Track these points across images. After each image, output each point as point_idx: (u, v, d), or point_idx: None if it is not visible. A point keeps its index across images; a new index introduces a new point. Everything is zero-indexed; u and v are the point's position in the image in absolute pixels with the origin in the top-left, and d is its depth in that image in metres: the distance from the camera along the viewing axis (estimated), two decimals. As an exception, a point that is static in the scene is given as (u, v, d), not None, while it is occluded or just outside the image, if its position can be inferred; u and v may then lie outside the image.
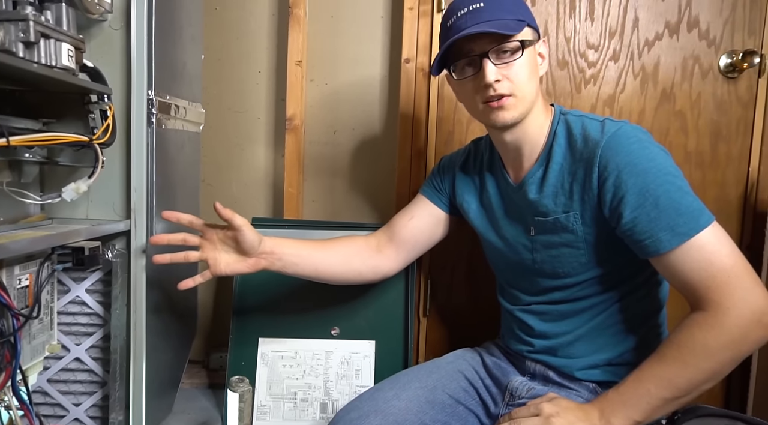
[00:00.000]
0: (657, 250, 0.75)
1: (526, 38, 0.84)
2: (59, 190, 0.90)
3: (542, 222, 0.89)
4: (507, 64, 0.83)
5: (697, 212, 0.73)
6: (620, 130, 0.80)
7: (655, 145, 0.79)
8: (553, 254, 0.89)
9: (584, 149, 0.82)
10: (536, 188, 0.89)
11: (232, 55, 1.49)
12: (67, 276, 1.00)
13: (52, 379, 1.03)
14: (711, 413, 0.85)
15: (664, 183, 0.74)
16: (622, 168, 0.77)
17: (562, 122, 0.89)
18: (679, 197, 0.74)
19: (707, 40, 1.31)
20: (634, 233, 0.77)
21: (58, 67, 0.76)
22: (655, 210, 0.74)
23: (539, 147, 0.90)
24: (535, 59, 0.87)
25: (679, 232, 0.73)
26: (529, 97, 0.85)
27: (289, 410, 1.27)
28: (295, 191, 1.44)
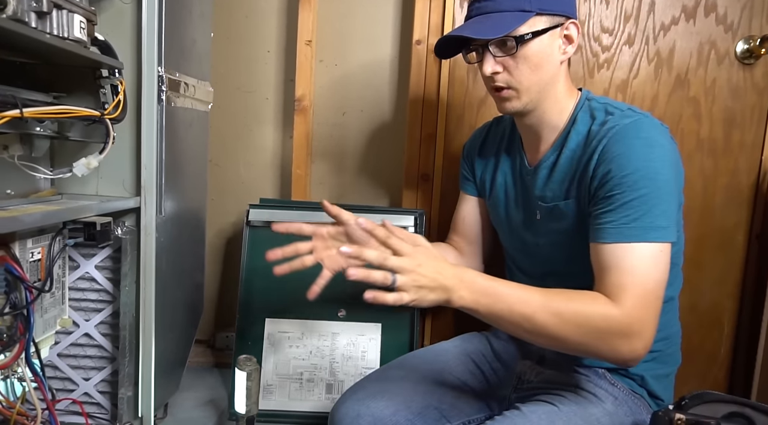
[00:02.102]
0: (596, 238, 0.78)
1: (534, 29, 0.82)
2: (69, 165, 0.89)
3: (544, 208, 0.90)
4: (509, 56, 0.83)
5: (653, 226, 0.74)
6: (635, 122, 0.79)
7: (663, 147, 0.78)
8: (555, 242, 0.90)
9: (597, 134, 0.82)
10: (547, 173, 0.90)
11: (241, 33, 1.47)
12: (76, 252, 1.00)
13: (62, 354, 1.04)
14: (718, 399, 0.85)
15: (643, 187, 0.75)
16: (616, 158, 0.78)
17: (586, 108, 0.87)
18: (648, 205, 0.75)
19: (724, 25, 1.29)
20: (593, 215, 0.79)
21: (70, 38, 0.76)
22: (618, 204, 0.76)
23: (558, 131, 0.89)
24: (547, 48, 0.84)
25: (623, 233, 0.75)
26: (534, 88, 0.85)
27: (294, 390, 1.28)
28: (303, 172, 1.43)
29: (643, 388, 0.88)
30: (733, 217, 1.34)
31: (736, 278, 1.35)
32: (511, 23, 0.81)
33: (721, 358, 1.37)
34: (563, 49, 0.86)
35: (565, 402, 0.84)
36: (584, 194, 0.83)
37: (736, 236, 1.34)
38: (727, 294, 1.36)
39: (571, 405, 0.83)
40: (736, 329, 1.37)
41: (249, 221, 1.31)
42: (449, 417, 0.92)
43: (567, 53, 0.87)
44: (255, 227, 1.32)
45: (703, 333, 1.37)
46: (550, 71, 0.85)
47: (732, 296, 1.36)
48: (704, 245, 1.34)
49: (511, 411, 0.83)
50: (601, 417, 0.82)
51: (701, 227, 1.33)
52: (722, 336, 1.37)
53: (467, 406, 0.94)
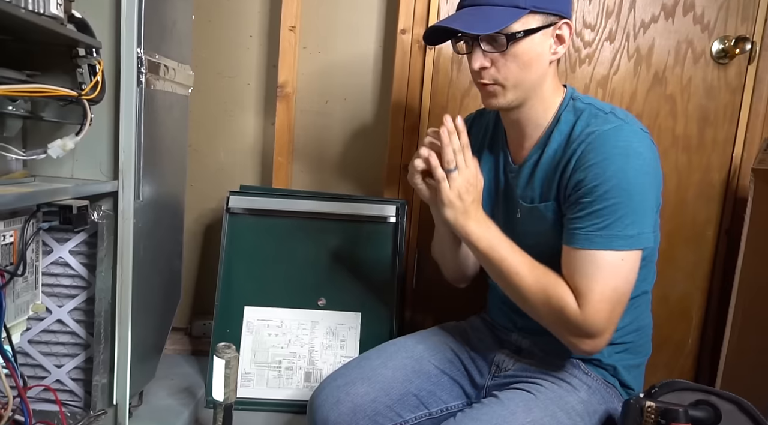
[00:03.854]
0: (567, 241, 0.82)
1: (527, 27, 0.81)
2: (43, 146, 0.86)
3: (524, 209, 0.91)
4: (498, 52, 0.82)
5: (620, 235, 0.77)
6: (614, 129, 0.80)
7: (640, 156, 0.79)
8: (536, 241, 0.90)
9: (577, 138, 0.83)
10: (529, 173, 0.90)
11: (223, 16, 1.44)
12: (50, 236, 0.98)
13: (33, 340, 1.01)
14: (686, 387, 0.88)
15: (615, 197, 0.77)
16: (591, 167, 0.79)
17: (570, 108, 0.87)
18: (618, 215, 0.77)
19: (701, 25, 1.32)
20: (567, 218, 0.82)
21: (46, 14, 0.73)
22: (588, 211, 0.79)
23: (542, 129, 0.89)
24: (538, 47, 0.83)
25: (591, 240, 0.78)
26: (522, 86, 0.84)
27: (273, 378, 1.27)
28: (284, 160, 1.42)
29: (615, 378, 0.91)
30: (704, 212, 1.38)
31: (705, 271, 1.40)
32: (503, 20, 0.80)
33: (689, 348, 1.42)
34: (554, 49, 0.85)
35: (541, 390, 0.86)
36: (562, 198, 0.85)
37: (706, 231, 1.39)
38: (696, 287, 1.40)
39: (547, 392, 0.85)
40: (704, 320, 1.42)
41: (229, 208, 1.30)
42: (428, 404, 0.93)
43: (557, 53, 0.86)
44: (235, 214, 1.31)
45: (673, 324, 1.41)
46: (539, 70, 0.84)
47: (701, 289, 1.40)
48: (676, 239, 1.38)
49: (488, 399, 0.85)
50: (575, 405, 0.85)
51: (674, 221, 1.37)
52: (690, 327, 1.42)
53: (445, 393, 0.96)
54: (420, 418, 0.93)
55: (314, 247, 1.31)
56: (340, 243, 1.32)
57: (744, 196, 1.31)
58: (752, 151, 1.33)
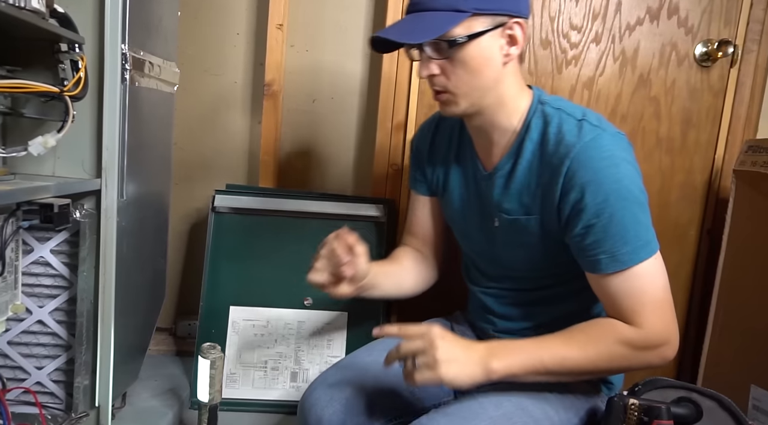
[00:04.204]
0: (593, 270, 0.78)
1: (471, 31, 0.76)
2: (23, 143, 0.85)
3: (504, 219, 0.88)
4: (445, 59, 0.78)
5: (642, 244, 0.75)
6: (594, 140, 0.76)
7: (626, 161, 0.77)
8: (512, 250, 0.89)
9: (555, 152, 0.79)
10: (503, 183, 0.87)
11: (209, 13, 1.43)
12: (30, 235, 0.96)
13: (13, 341, 0.99)
14: (669, 385, 0.90)
15: (621, 209, 0.74)
16: (586, 185, 0.75)
17: (539, 113, 0.83)
18: (630, 224, 0.75)
19: (685, 28, 1.34)
20: (579, 247, 0.79)
21: (27, 8, 0.71)
22: (602, 232, 0.75)
23: (511, 135, 0.85)
24: (486, 51, 0.78)
25: (619, 259, 0.75)
26: (473, 94, 0.80)
27: (259, 378, 1.26)
28: (271, 158, 1.41)
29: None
30: (686, 213, 1.40)
31: (687, 271, 1.42)
32: (442, 25, 0.75)
33: (672, 347, 1.44)
34: (506, 51, 0.79)
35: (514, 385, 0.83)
36: (551, 216, 0.81)
37: (689, 231, 1.41)
38: (679, 287, 1.42)
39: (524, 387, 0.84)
40: (686, 319, 1.44)
41: (215, 206, 1.29)
42: (422, 399, 0.93)
43: (511, 56, 0.80)
44: (221, 213, 1.30)
45: (656, 323, 1.43)
46: (490, 75, 0.80)
47: (683, 289, 1.43)
48: (659, 239, 1.38)
49: (463, 395, 0.85)
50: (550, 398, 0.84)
51: (657, 222, 1.36)
52: (673, 326, 1.43)
53: (438, 389, 0.95)
54: (414, 412, 0.92)
55: (301, 246, 1.30)
56: (327, 243, 1.31)
57: (725, 197, 1.33)
58: (734, 153, 1.35)
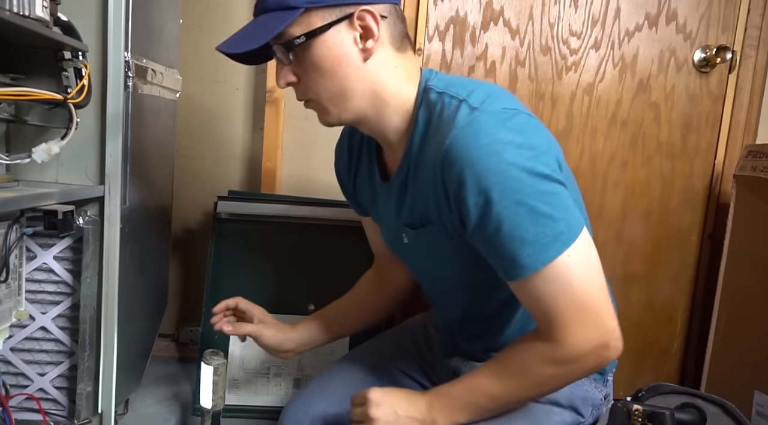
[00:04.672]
0: (505, 277, 0.68)
1: (309, 29, 0.66)
2: (26, 151, 0.85)
3: (410, 233, 0.80)
4: (293, 64, 0.69)
5: (546, 240, 0.63)
6: (471, 123, 0.64)
7: (512, 144, 0.63)
8: (430, 264, 0.83)
9: (435, 143, 0.68)
10: (400, 195, 0.78)
11: (212, 22, 1.44)
12: (33, 242, 0.96)
13: (15, 348, 0.99)
14: (672, 391, 0.90)
15: (510, 205, 0.62)
16: (463, 182, 0.64)
17: (425, 103, 0.71)
18: (527, 222, 0.62)
19: (684, 34, 1.35)
20: (490, 254, 0.68)
21: (32, 17, 0.72)
22: (496, 237, 0.64)
23: (402, 136, 0.74)
24: (336, 48, 0.68)
25: (522, 264, 0.64)
26: (337, 98, 0.70)
27: (261, 384, 1.26)
28: (272, 165, 1.41)
29: None
30: (687, 218, 1.40)
31: (689, 276, 1.42)
32: (271, 27, 0.66)
33: (674, 352, 1.44)
34: (362, 46, 0.68)
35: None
36: (449, 219, 0.71)
37: (690, 236, 1.41)
38: (681, 291, 1.42)
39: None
40: (689, 324, 1.44)
41: (217, 213, 1.29)
42: None
43: (369, 50, 0.68)
44: (223, 220, 1.30)
45: (659, 329, 1.43)
46: (351, 74, 0.69)
47: (685, 293, 1.43)
48: (661, 244, 1.40)
49: None
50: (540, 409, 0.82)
51: (659, 227, 1.39)
52: (675, 332, 1.44)
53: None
54: None
55: (303, 253, 1.30)
56: (329, 249, 1.31)
57: (726, 201, 1.33)
58: (734, 157, 1.36)
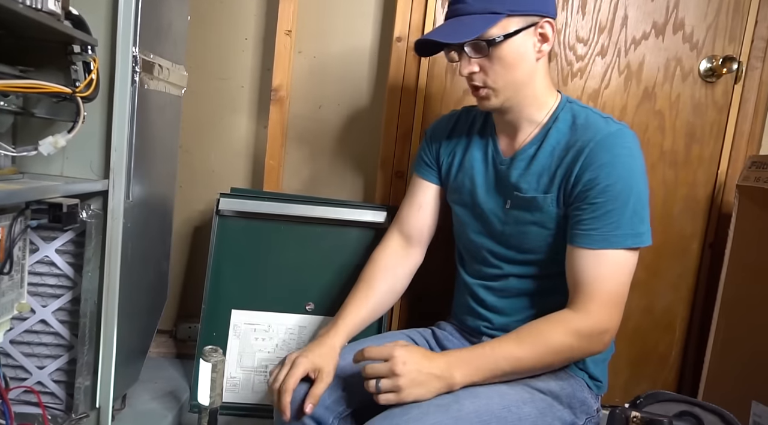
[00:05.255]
0: (579, 242, 0.84)
1: (507, 31, 0.85)
2: (32, 143, 0.85)
3: (519, 198, 0.92)
4: (484, 57, 0.87)
5: (632, 233, 0.82)
6: (619, 131, 0.85)
7: (640, 158, 0.85)
8: (522, 230, 0.93)
9: (582, 136, 0.87)
10: (525, 165, 0.92)
11: (218, 18, 1.44)
12: (36, 235, 0.96)
13: (15, 340, 0.99)
14: (670, 398, 0.90)
15: (627, 196, 0.82)
16: (603, 166, 0.83)
17: (568, 108, 0.92)
18: (629, 213, 0.82)
19: (690, 44, 1.35)
20: (577, 219, 0.85)
21: (44, 10, 0.72)
22: (603, 211, 0.83)
23: (537, 126, 0.93)
24: (521, 47, 0.87)
25: (607, 239, 0.82)
26: (510, 88, 0.88)
27: (259, 383, 1.26)
28: (276, 163, 1.41)
29: (584, 371, 0.93)
30: (689, 226, 1.40)
31: (689, 284, 1.42)
32: (480, 26, 0.83)
33: (672, 360, 1.44)
34: (538, 48, 0.88)
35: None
36: (564, 194, 0.87)
37: (691, 245, 1.41)
38: (681, 299, 1.43)
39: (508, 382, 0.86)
40: (687, 332, 1.44)
41: (219, 210, 1.29)
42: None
43: (543, 52, 0.89)
44: (225, 217, 1.30)
45: (657, 336, 1.43)
46: (525, 70, 0.88)
47: (685, 302, 1.43)
48: (662, 252, 1.40)
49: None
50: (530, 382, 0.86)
51: (660, 235, 1.39)
52: (674, 339, 1.44)
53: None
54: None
55: (304, 251, 1.30)
56: (330, 248, 1.31)
57: (728, 211, 1.34)
58: (737, 168, 1.36)
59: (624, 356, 1.42)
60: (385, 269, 1.04)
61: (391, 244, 1.07)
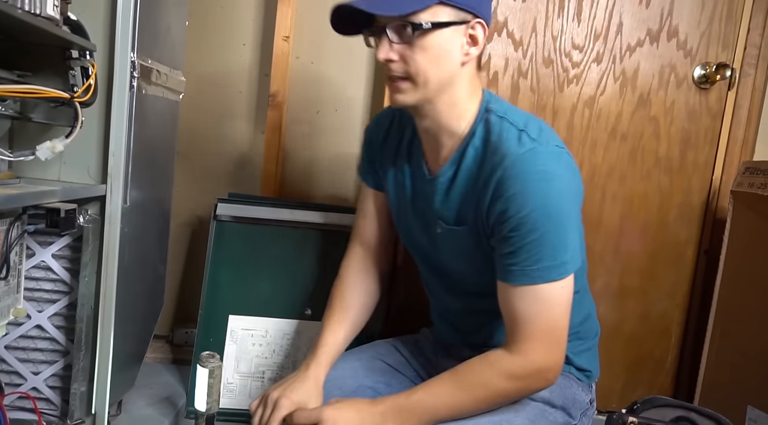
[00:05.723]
0: (503, 278, 0.79)
1: (435, 19, 0.75)
2: (29, 148, 0.85)
3: (445, 228, 0.87)
4: (406, 44, 0.77)
5: (556, 264, 0.75)
6: (529, 152, 0.76)
7: (560, 178, 0.76)
8: (455, 258, 0.88)
9: (490, 159, 0.79)
10: (445, 189, 0.86)
11: (216, 24, 1.44)
12: (32, 240, 0.96)
13: (10, 346, 0.98)
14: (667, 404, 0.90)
15: (543, 225, 0.74)
16: (513, 197, 0.75)
17: (483, 121, 0.82)
18: (549, 242, 0.75)
19: (684, 51, 1.37)
20: (498, 253, 0.79)
21: (43, 15, 0.72)
22: (519, 245, 0.75)
23: (457, 139, 0.84)
24: (447, 43, 0.77)
25: (528, 275, 0.75)
26: (431, 85, 0.78)
27: (256, 389, 1.26)
28: (273, 168, 1.42)
29: (570, 366, 0.90)
30: (684, 233, 1.41)
31: (684, 290, 1.43)
32: (409, 5, 0.74)
33: (668, 365, 1.45)
34: (466, 50, 0.79)
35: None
36: (481, 224, 0.81)
37: (686, 251, 1.42)
38: (676, 305, 1.43)
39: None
40: (683, 338, 1.44)
41: (216, 215, 1.29)
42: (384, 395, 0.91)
43: (470, 55, 0.80)
44: (222, 222, 1.30)
45: (653, 342, 1.44)
46: (448, 69, 0.79)
47: (680, 307, 1.43)
48: (657, 258, 1.41)
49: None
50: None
51: (656, 241, 1.40)
52: (670, 345, 1.44)
53: (401, 384, 0.95)
54: None
55: (301, 257, 1.30)
56: (327, 253, 1.31)
57: (723, 217, 1.35)
58: (731, 174, 1.37)
59: (620, 361, 1.43)
60: (355, 285, 1.01)
61: (354, 257, 1.03)
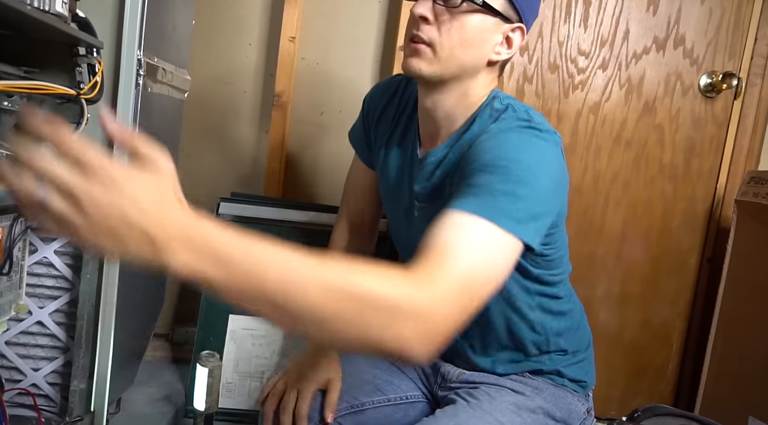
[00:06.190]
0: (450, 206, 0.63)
1: (488, 1, 0.72)
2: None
3: (418, 207, 0.84)
4: (447, 9, 0.72)
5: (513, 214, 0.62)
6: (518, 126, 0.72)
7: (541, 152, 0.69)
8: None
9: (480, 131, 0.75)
10: (430, 171, 0.81)
11: (223, 23, 1.44)
12: (35, 236, 0.96)
13: (10, 342, 0.98)
14: (668, 412, 0.90)
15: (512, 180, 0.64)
16: (486, 150, 0.68)
17: (488, 107, 0.78)
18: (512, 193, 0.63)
19: (690, 59, 1.36)
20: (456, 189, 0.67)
21: (51, 12, 0.72)
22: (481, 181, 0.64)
23: (457, 126, 0.80)
24: (485, 32, 0.74)
25: (482, 207, 0.61)
26: (451, 64, 0.74)
27: (255, 388, 1.25)
28: (277, 168, 1.42)
29: (563, 378, 0.89)
30: (687, 240, 1.41)
31: (687, 298, 1.43)
32: None
33: (669, 373, 1.44)
34: (497, 49, 0.76)
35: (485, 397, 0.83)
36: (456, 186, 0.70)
37: (689, 259, 1.42)
38: (678, 313, 1.43)
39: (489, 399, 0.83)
40: (684, 346, 1.44)
41: (219, 214, 1.29)
42: (385, 391, 0.92)
43: (500, 55, 0.76)
44: (225, 221, 1.30)
45: (654, 350, 1.43)
46: (474, 59, 0.75)
47: (682, 315, 1.43)
48: (660, 265, 1.41)
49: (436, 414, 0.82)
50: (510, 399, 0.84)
51: (659, 248, 1.40)
52: (671, 353, 1.44)
53: (403, 383, 0.95)
54: (378, 403, 0.91)
55: (303, 258, 1.30)
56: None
57: (726, 226, 1.34)
58: (735, 183, 1.37)
59: (621, 369, 1.42)
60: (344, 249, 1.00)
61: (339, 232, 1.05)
